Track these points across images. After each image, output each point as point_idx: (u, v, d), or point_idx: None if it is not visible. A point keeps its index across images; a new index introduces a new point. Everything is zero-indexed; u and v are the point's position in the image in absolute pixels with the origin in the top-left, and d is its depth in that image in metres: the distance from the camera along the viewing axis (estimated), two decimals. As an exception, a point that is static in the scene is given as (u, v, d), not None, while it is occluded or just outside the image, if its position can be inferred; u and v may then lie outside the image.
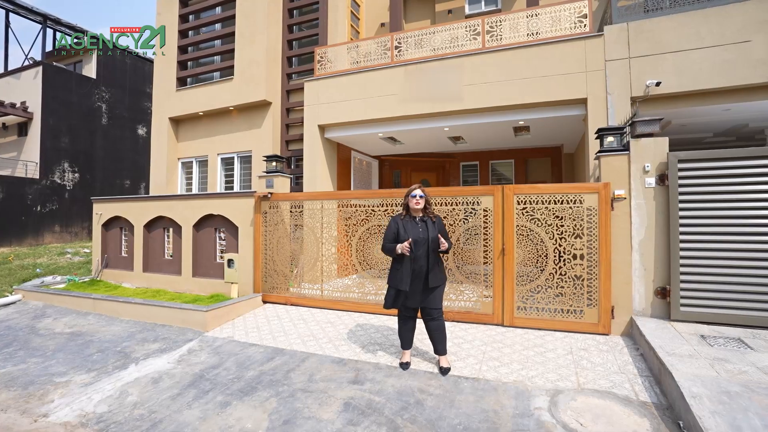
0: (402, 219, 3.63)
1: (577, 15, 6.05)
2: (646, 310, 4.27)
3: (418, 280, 3.49)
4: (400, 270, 3.49)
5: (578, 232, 4.45)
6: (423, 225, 3.55)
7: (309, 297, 5.86)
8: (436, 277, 3.51)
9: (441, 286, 3.60)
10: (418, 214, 3.60)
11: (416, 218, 3.59)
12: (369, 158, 10.75)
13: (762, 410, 2.54)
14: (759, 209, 3.87)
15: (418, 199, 3.54)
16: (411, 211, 3.61)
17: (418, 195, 3.55)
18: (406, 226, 3.55)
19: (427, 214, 3.61)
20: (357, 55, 7.56)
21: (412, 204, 3.57)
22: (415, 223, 3.56)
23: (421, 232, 3.51)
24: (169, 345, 4.59)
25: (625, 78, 5.61)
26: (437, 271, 3.54)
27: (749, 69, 5.16)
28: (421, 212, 3.60)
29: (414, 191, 3.58)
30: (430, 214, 3.62)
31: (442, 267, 3.66)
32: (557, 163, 10.89)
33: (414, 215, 3.61)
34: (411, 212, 3.62)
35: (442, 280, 3.59)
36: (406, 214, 3.64)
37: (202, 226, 6.89)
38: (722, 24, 5.28)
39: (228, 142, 9.19)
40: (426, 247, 3.48)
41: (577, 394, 3.14)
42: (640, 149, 4.28)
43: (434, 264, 3.51)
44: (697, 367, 3.09)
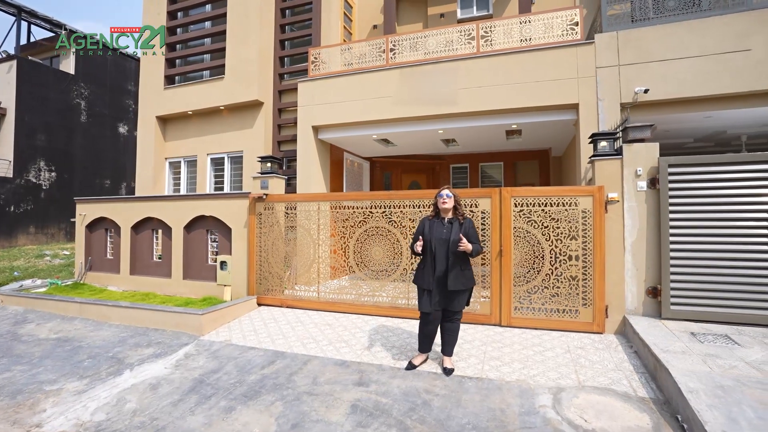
0: (430, 219, 3.66)
1: (569, 22, 6.22)
2: (638, 309, 4.42)
3: (440, 282, 3.48)
4: (422, 270, 3.56)
5: (573, 233, 4.58)
6: (449, 226, 3.53)
7: (305, 299, 5.82)
8: (456, 280, 3.43)
9: (464, 291, 3.53)
10: (446, 215, 3.59)
11: (444, 219, 3.59)
12: (360, 160, 10.76)
13: (755, 403, 2.67)
14: (742, 212, 4.07)
15: (445, 198, 3.54)
16: (440, 211, 3.61)
17: (445, 195, 3.55)
18: (432, 227, 3.58)
19: (456, 216, 3.59)
20: (351, 56, 7.56)
21: (440, 204, 3.58)
22: (441, 224, 3.56)
23: (444, 233, 3.50)
24: (164, 350, 4.49)
25: (614, 85, 5.81)
26: (458, 275, 3.44)
27: (729, 79, 5.41)
28: (451, 213, 3.59)
29: (442, 191, 3.59)
30: (459, 215, 3.59)
31: (467, 271, 3.53)
32: (545, 166, 11.15)
33: (443, 216, 3.60)
34: (441, 213, 3.61)
35: (464, 285, 3.49)
36: (435, 215, 3.66)
37: (194, 228, 6.76)
38: (704, 36, 5.53)
39: (218, 142, 9.04)
40: (446, 248, 3.46)
41: (578, 391, 3.23)
42: (633, 154, 4.44)
43: (455, 267, 3.43)
44: (691, 363, 3.23)
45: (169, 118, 9.69)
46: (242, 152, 8.79)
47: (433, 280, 3.48)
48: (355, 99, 7.37)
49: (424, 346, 3.76)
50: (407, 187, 12.17)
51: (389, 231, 5.44)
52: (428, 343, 3.75)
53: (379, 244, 5.49)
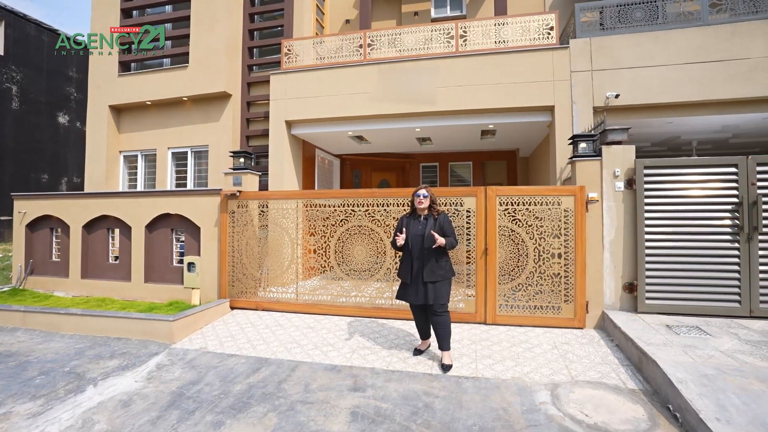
0: (408, 217, 3.87)
1: (545, 27, 6.41)
2: (616, 304, 4.62)
3: (417, 275, 3.65)
4: (402, 264, 3.80)
5: (556, 232, 4.70)
6: (424, 222, 3.72)
7: (283, 301, 5.55)
8: (431, 273, 3.61)
9: (440, 282, 3.65)
10: (423, 213, 3.77)
11: (420, 216, 3.77)
12: (331, 157, 10.52)
13: (738, 390, 2.84)
14: (708, 211, 4.37)
15: (422, 198, 3.73)
16: (417, 210, 3.79)
17: (421, 195, 3.73)
18: (409, 224, 3.79)
19: (431, 212, 3.77)
20: (326, 50, 7.33)
21: (416, 203, 3.77)
22: (417, 221, 3.76)
23: (420, 229, 3.70)
24: (130, 361, 4.07)
25: (588, 89, 6.06)
26: (433, 267, 3.62)
27: (689, 88, 5.83)
28: (426, 210, 3.77)
29: (418, 191, 3.76)
30: (434, 212, 3.76)
31: (443, 263, 3.68)
32: (513, 166, 11.49)
33: (419, 213, 3.78)
34: (417, 211, 3.80)
35: (441, 276, 3.64)
36: (412, 213, 3.86)
37: (157, 227, 6.24)
38: (668, 46, 5.90)
39: (180, 135, 8.42)
40: (421, 243, 3.65)
41: (573, 386, 3.30)
42: (611, 155, 4.63)
43: (430, 260, 3.62)
44: (674, 354, 3.40)
45: (125, 108, 8.90)
46: (207, 147, 8.25)
47: (411, 273, 3.68)
48: (331, 94, 7.15)
49: (423, 334, 4.04)
50: (377, 185, 12.07)
51: (372, 230, 5.31)
52: (424, 331, 4.02)
53: (362, 244, 5.35)
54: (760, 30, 5.72)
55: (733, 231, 4.30)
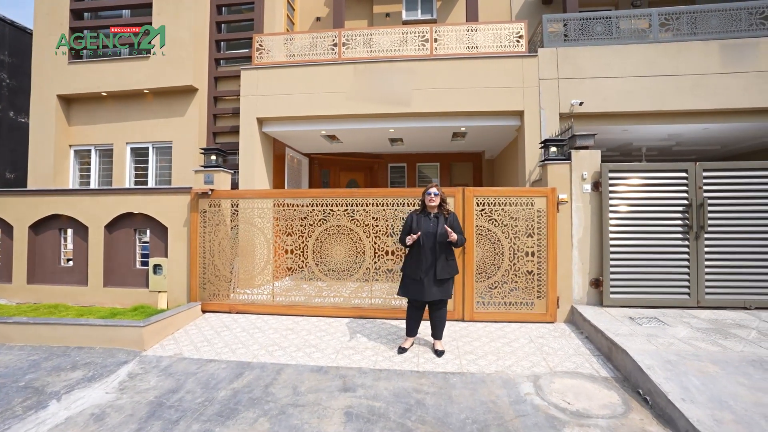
0: (417, 214, 3.94)
1: (515, 35, 6.70)
2: (583, 299, 4.94)
3: (429, 272, 3.75)
4: (410, 260, 3.86)
5: (530, 231, 4.94)
6: (435, 220, 3.84)
7: (258, 303, 5.39)
8: (443, 269, 3.76)
9: (449, 279, 3.85)
10: (433, 211, 3.89)
11: (431, 214, 3.88)
12: (300, 156, 10.33)
13: (696, 372, 3.15)
14: (663, 212, 4.78)
15: (433, 196, 3.83)
16: (427, 207, 3.89)
17: (432, 193, 3.83)
18: (419, 221, 3.87)
19: (441, 211, 3.89)
20: (300, 46, 7.20)
21: (427, 201, 3.86)
22: (428, 219, 3.85)
23: (431, 226, 3.80)
24: (97, 371, 3.78)
25: (554, 96, 6.41)
26: (445, 265, 3.78)
27: (643, 99, 6.34)
28: (437, 209, 3.89)
29: (429, 189, 3.87)
30: (444, 211, 3.89)
31: (451, 261, 3.86)
32: (478, 168, 11.87)
33: (429, 211, 3.88)
34: (427, 209, 3.90)
35: (450, 273, 3.83)
36: (422, 210, 3.94)
37: (118, 227, 5.84)
38: (625, 60, 6.39)
39: (141, 129, 7.90)
40: (434, 240, 3.75)
41: (553, 377, 3.49)
42: (579, 159, 4.94)
43: (442, 257, 3.76)
44: (640, 343, 3.70)
45: (76, 98, 8.20)
46: (171, 143, 7.81)
47: (422, 270, 3.75)
48: (305, 92, 7.04)
49: (412, 331, 4.09)
50: (345, 185, 12.02)
51: (352, 230, 5.30)
52: (415, 328, 4.10)
53: (340, 244, 5.33)
54: (700, 50, 6.34)
55: (684, 230, 4.75)
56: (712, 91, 6.19)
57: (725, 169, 4.73)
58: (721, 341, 3.75)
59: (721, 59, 6.25)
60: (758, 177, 4.70)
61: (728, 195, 4.71)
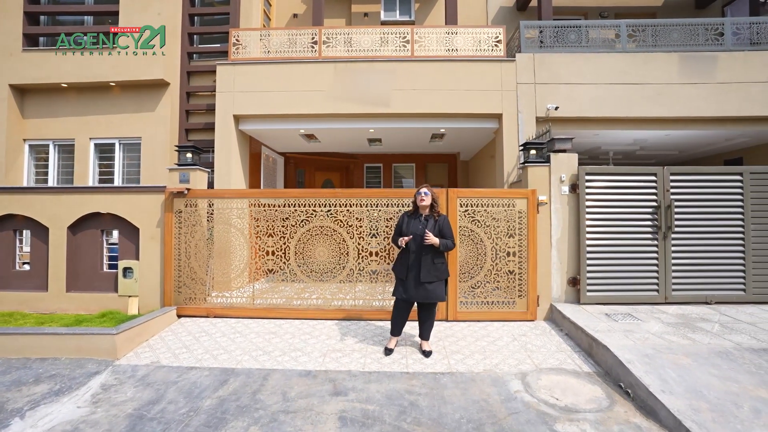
0: (409, 215, 3.94)
1: (494, 39, 6.86)
2: (561, 297, 5.11)
3: (413, 273, 3.74)
4: (399, 261, 3.89)
5: (511, 232, 5.06)
6: (425, 222, 3.81)
7: (238, 307, 5.21)
8: (428, 272, 3.71)
9: (436, 282, 3.77)
10: (424, 212, 3.87)
11: (422, 216, 3.85)
12: (275, 155, 10.10)
13: (672, 365, 3.33)
14: (636, 213, 5.04)
15: (423, 196, 3.80)
16: (419, 208, 3.87)
17: (423, 192, 3.82)
18: (409, 222, 3.86)
19: (432, 213, 3.86)
20: (279, 43, 7.03)
21: (418, 200, 3.85)
22: (418, 220, 3.84)
23: (420, 228, 3.77)
24: (65, 384, 3.51)
25: (531, 100, 6.61)
26: (430, 268, 3.72)
27: (613, 105, 6.66)
28: (428, 210, 3.86)
29: (421, 189, 3.86)
30: (435, 213, 3.86)
31: (439, 265, 3.77)
32: (453, 169, 12.06)
33: (421, 212, 3.87)
34: (419, 209, 3.88)
35: (437, 277, 3.75)
36: (414, 212, 3.93)
37: (83, 228, 5.47)
38: (597, 67, 6.69)
39: (107, 124, 7.42)
40: (420, 242, 3.73)
41: (539, 374, 3.59)
42: (558, 162, 5.12)
43: (428, 260, 3.71)
44: (618, 338, 3.87)
45: (32, 89, 7.59)
46: (140, 139, 7.40)
47: (407, 270, 3.75)
48: (284, 90, 6.88)
49: (396, 330, 4.06)
50: (321, 185, 11.89)
51: (335, 231, 5.23)
52: (400, 327, 4.06)
53: (323, 245, 5.24)
54: (663, 60, 6.74)
55: (653, 230, 5.02)
56: (675, 100, 6.60)
57: (690, 173, 5.05)
58: (690, 335, 3.99)
59: (682, 70, 6.67)
60: (719, 181, 5.05)
61: (692, 197, 5.03)
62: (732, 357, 3.51)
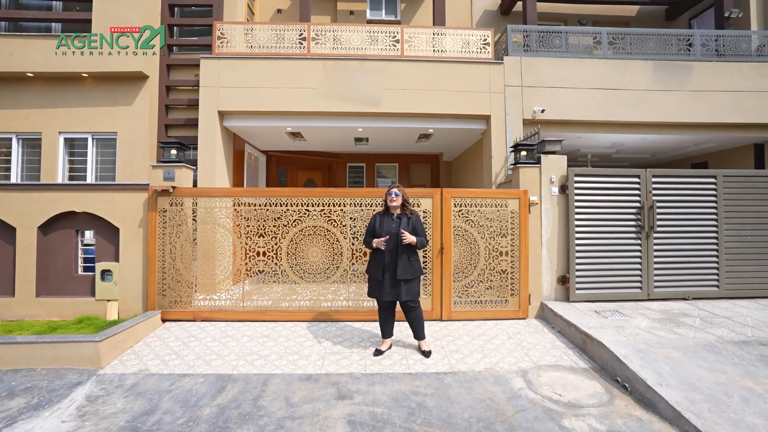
0: (381, 215, 3.95)
1: (482, 42, 6.95)
2: (551, 295, 5.24)
3: (389, 272, 3.75)
4: (373, 261, 3.87)
5: (504, 232, 5.14)
6: (398, 221, 3.85)
7: (227, 309, 5.03)
8: (404, 270, 3.75)
9: (413, 279, 3.82)
10: (396, 211, 3.90)
11: (393, 215, 3.89)
12: (258, 153, 9.84)
13: (664, 359, 3.48)
14: (621, 213, 5.24)
15: (394, 197, 3.85)
16: (390, 208, 3.89)
17: (393, 193, 3.86)
18: (382, 222, 3.88)
19: (404, 211, 3.89)
20: (267, 38, 6.84)
21: (389, 202, 3.88)
22: (391, 219, 3.87)
23: (394, 227, 3.82)
24: (44, 397, 3.26)
25: (518, 102, 6.75)
26: (406, 265, 3.76)
27: (594, 109, 6.91)
28: (399, 209, 3.90)
29: (391, 190, 3.88)
30: (407, 211, 3.89)
31: (414, 262, 3.83)
32: (436, 169, 12.16)
33: (392, 212, 3.89)
34: (390, 209, 3.90)
35: (412, 274, 3.79)
36: (385, 211, 3.94)
37: (55, 228, 5.13)
38: (580, 73, 6.91)
39: (79, 118, 6.95)
40: (395, 241, 3.76)
41: (539, 371, 3.65)
42: (548, 163, 5.24)
43: (404, 258, 3.75)
44: (611, 335, 4.00)
45: (-9, 78, 7.04)
46: (115, 134, 6.99)
47: (383, 270, 3.76)
48: (272, 86, 6.70)
49: (386, 332, 4.07)
50: (303, 184, 11.70)
51: (328, 230, 5.15)
52: (389, 329, 4.06)
53: (316, 245, 5.14)
54: (641, 68, 7.05)
55: (637, 230, 5.23)
56: (652, 105, 6.92)
57: (670, 176, 5.30)
58: (675, 329, 4.18)
59: (659, 78, 7.00)
60: (695, 183, 5.33)
61: (671, 198, 5.28)
62: (717, 350, 3.70)
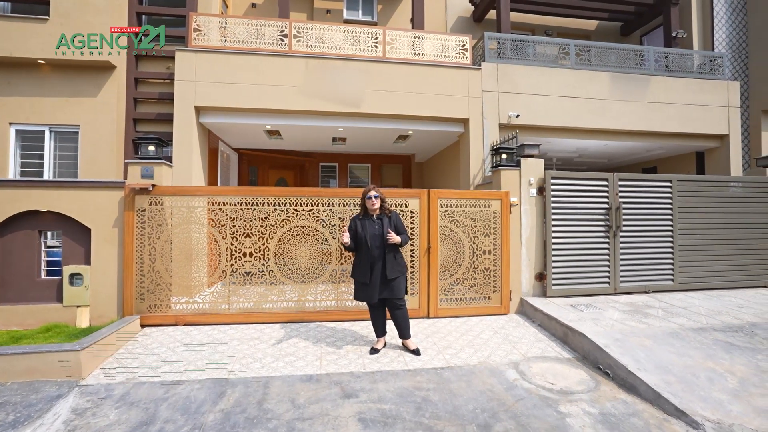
0: (360, 218, 3.98)
1: (460, 47, 7.19)
2: (530, 291, 5.54)
3: (377, 272, 3.81)
4: (359, 264, 3.89)
5: (487, 231, 5.37)
6: (379, 222, 3.91)
7: (212, 312, 4.86)
8: (393, 269, 3.84)
9: (400, 277, 3.92)
10: (375, 213, 3.95)
11: (373, 216, 3.94)
12: (230, 151, 9.52)
13: (639, 346, 3.82)
14: (592, 214, 5.64)
15: (374, 200, 3.91)
16: (369, 210, 3.94)
17: (372, 196, 3.90)
18: (363, 225, 3.91)
19: (383, 212, 3.97)
20: (246, 33, 6.64)
21: (369, 205, 3.92)
22: (372, 221, 3.91)
23: (377, 228, 3.88)
24: (20, 412, 3.00)
25: (495, 107, 7.06)
26: (393, 264, 3.85)
27: (563, 116, 7.37)
28: (378, 211, 3.96)
29: (369, 193, 3.91)
30: (386, 212, 3.98)
31: (400, 260, 3.94)
32: (408, 170, 12.35)
33: (372, 214, 3.94)
34: (369, 212, 3.94)
35: (400, 272, 3.90)
36: (365, 214, 3.97)
37: (13, 228, 4.71)
38: (550, 81, 7.34)
39: (34, 109, 6.35)
40: (380, 242, 3.84)
41: (528, 362, 3.88)
42: (527, 166, 5.54)
43: (391, 257, 3.84)
44: (590, 326, 4.31)
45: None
46: (78, 127, 6.48)
47: (370, 272, 3.82)
48: (252, 83, 6.52)
49: (380, 332, 4.15)
50: (275, 183, 11.46)
51: (317, 230, 5.12)
52: (381, 328, 4.14)
53: (305, 245, 5.10)
54: (604, 79, 7.62)
55: (606, 229, 5.66)
56: (614, 114, 7.50)
57: (634, 179, 5.79)
58: (643, 320, 4.58)
59: (619, 89, 7.60)
60: (655, 186, 5.85)
61: (634, 200, 5.77)
62: (680, 336, 4.12)
